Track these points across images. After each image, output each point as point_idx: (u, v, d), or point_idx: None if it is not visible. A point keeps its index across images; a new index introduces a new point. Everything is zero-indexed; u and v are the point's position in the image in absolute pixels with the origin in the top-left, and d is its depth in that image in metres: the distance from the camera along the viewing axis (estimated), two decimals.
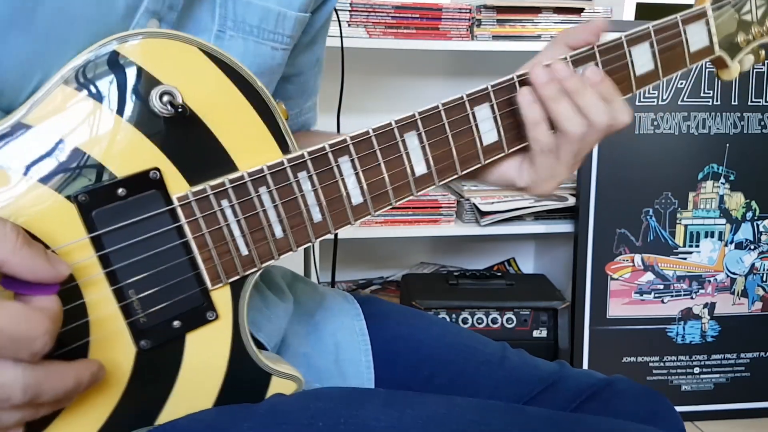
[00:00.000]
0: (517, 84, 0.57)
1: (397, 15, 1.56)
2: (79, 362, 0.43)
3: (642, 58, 0.61)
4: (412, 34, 1.58)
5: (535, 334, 1.56)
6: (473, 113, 0.56)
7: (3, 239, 0.38)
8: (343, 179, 0.52)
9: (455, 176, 0.57)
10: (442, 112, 0.55)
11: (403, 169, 0.54)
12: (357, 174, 0.52)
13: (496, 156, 0.58)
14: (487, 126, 0.57)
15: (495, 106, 0.57)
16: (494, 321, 1.56)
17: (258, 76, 0.49)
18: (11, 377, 0.38)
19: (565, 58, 0.58)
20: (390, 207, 0.55)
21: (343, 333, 0.69)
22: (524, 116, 0.56)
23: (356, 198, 0.53)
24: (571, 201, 1.64)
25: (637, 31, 0.61)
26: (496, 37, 1.61)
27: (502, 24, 1.60)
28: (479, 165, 0.57)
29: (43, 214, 0.43)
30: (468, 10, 1.59)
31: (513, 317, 1.56)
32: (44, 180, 0.43)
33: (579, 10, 1.61)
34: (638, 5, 1.59)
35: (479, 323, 1.55)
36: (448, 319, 1.53)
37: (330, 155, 0.51)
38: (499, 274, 1.81)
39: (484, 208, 1.61)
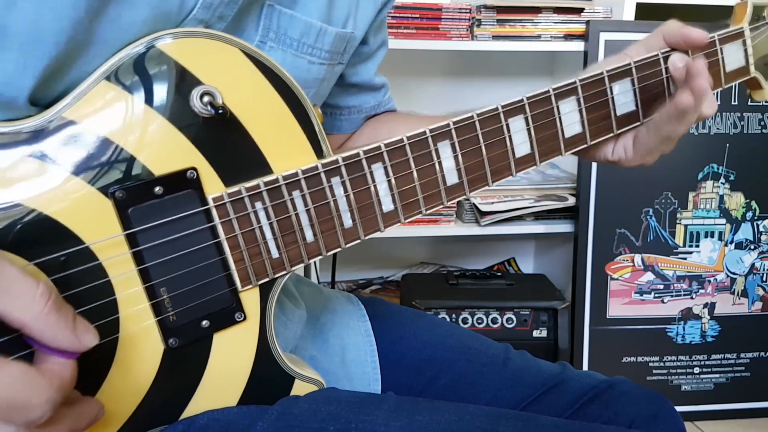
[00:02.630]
0: (552, 96, 0.57)
1: (397, 15, 1.56)
2: (79, 407, 0.42)
3: None
4: (412, 33, 1.58)
5: (535, 334, 1.56)
6: (507, 125, 0.56)
7: (30, 303, 0.37)
8: (375, 186, 0.52)
9: (485, 186, 0.57)
10: (477, 123, 0.55)
11: (435, 178, 0.54)
12: (389, 181, 0.53)
13: (527, 167, 0.58)
14: (519, 138, 0.57)
15: (529, 118, 0.56)
16: (494, 321, 1.55)
17: None
18: None
19: (602, 74, 0.59)
20: (420, 215, 0.55)
21: (348, 334, 0.69)
22: (693, 83, 0.55)
23: (387, 205, 0.53)
24: (571, 201, 1.64)
25: (671, 49, 0.61)
26: (496, 37, 1.61)
27: (502, 24, 1.60)
28: (510, 176, 0.58)
29: (80, 209, 0.43)
30: (468, 10, 1.59)
31: (513, 317, 1.56)
32: (82, 174, 0.43)
33: (579, 10, 1.60)
34: (638, 5, 1.58)
35: (479, 323, 1.55)
36: (448, 319, 1.53)
37: (364, 161, 0.51)
38: (499, 274, 1.80)
39: (484, 208, 1.60)
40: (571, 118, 0.58)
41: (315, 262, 1.67)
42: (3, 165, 0.42)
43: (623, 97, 0.60)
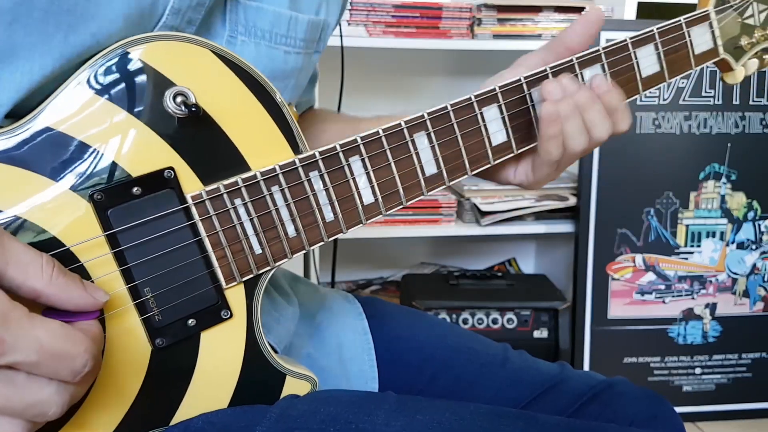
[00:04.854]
0: (524, 85, 0.58)
1: (397, 14, 1.56)
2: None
3: (647, 60, 0.62)
4: (413, 33, 1.58)
5: (536, 334, 1.56)
6: (482, 114, 0.56)
7: (39, 271, 0.38)
8: (354, 178, 0.52)
9: (465, 176, 0.57)
10: (451, 113, 0.55)
11: (413, 169, 0.55)
12: (368, 173, 0.53)
13: (506, 156, 0.58)
14: (495, 126, 0.57)
15: (503, 107, 0.57)
16: (495, 321, 1.55)
17: (271, 80, 0.49)
18: (47, 395, 0.37)
19: (571, 60, 0.58)
20: (401, 207, 0.55)
21: (345, 333, 0.69)
22: (543, 131, 0.56)
23: (367, 197, 0.53)
24: (572, 201, 1.63)
25: (642, 34, 0.61)
26: (496, 36, 1.61)
27: (502, 23, 1.60)
28: (489, 165, 0.58)
29: (60, 213, 0.44)
30: (468, 9, 1.59)
31: (514, 317, 1.55)
32: (60, 179, 0.44)
33: (579, 9, 1.60)
34: (639, 4, 1.58)
35: (479, 323, 1.55)
36: (448, 320, 1.53)
37: (341, 155, 0.52)
38: (499, 274, 1.80)
39: (484, 208, 1.60)
40: None
41: (315, 263, 1.67)
42: None
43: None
